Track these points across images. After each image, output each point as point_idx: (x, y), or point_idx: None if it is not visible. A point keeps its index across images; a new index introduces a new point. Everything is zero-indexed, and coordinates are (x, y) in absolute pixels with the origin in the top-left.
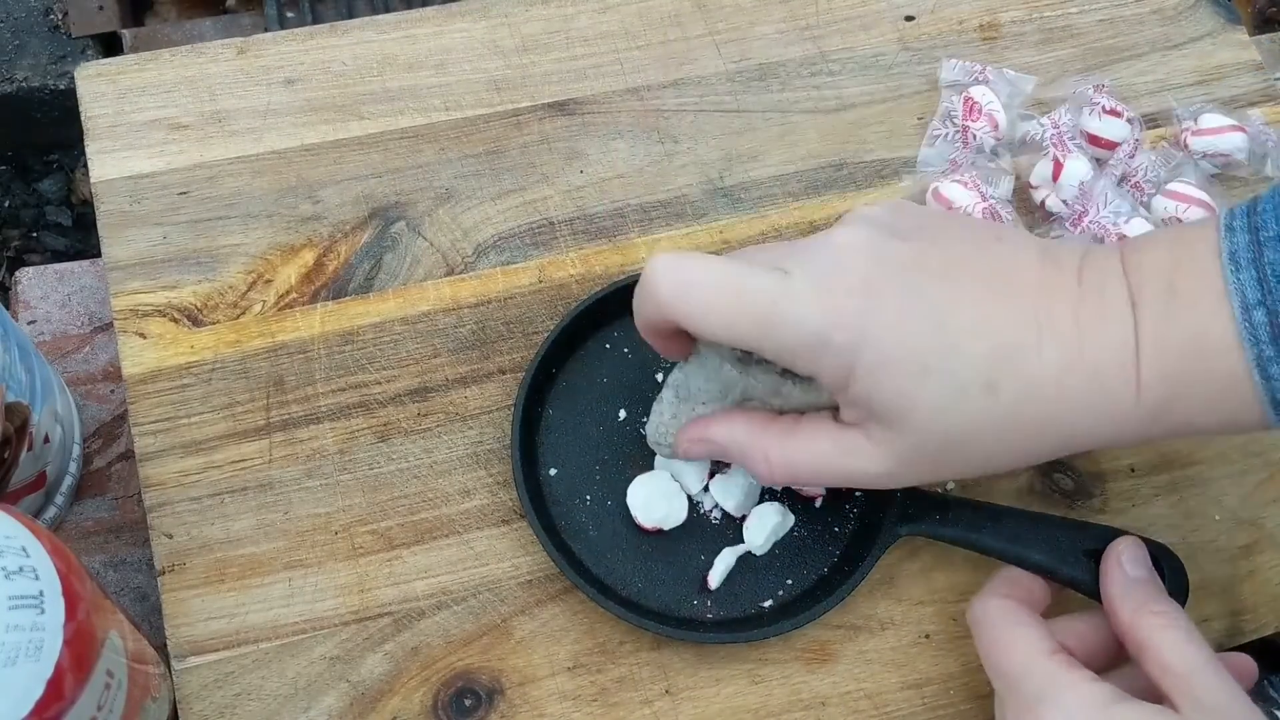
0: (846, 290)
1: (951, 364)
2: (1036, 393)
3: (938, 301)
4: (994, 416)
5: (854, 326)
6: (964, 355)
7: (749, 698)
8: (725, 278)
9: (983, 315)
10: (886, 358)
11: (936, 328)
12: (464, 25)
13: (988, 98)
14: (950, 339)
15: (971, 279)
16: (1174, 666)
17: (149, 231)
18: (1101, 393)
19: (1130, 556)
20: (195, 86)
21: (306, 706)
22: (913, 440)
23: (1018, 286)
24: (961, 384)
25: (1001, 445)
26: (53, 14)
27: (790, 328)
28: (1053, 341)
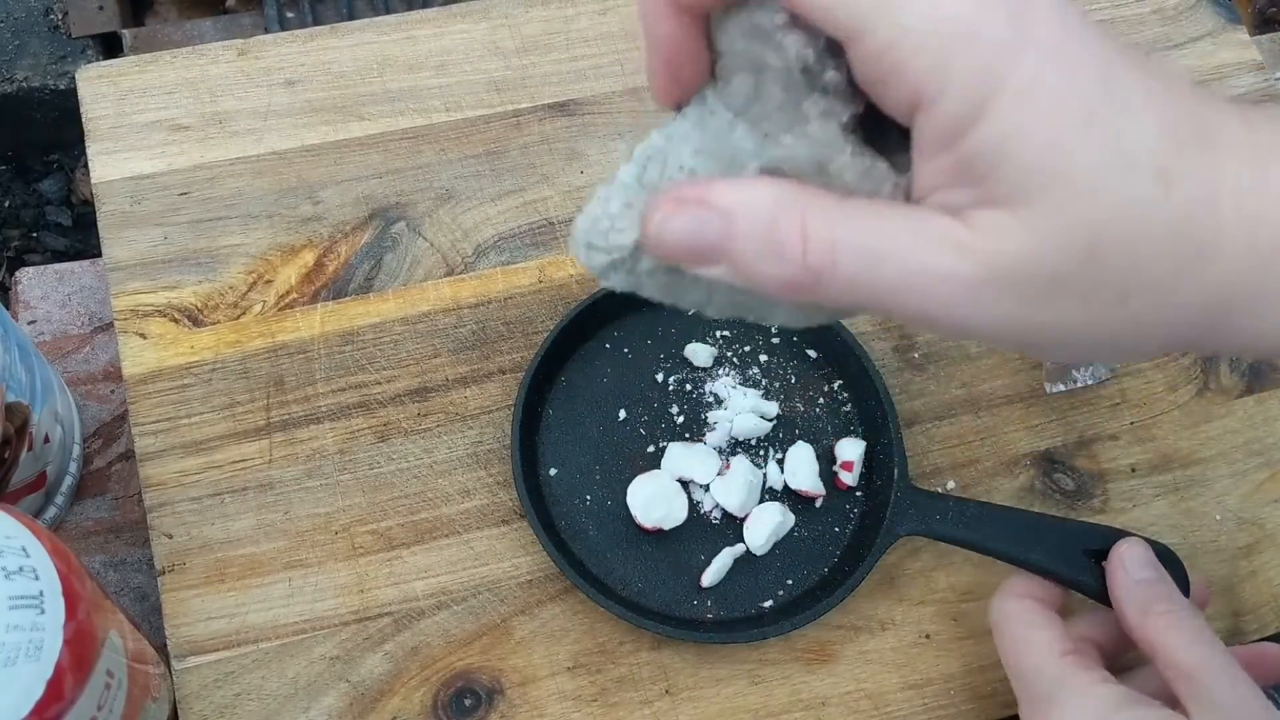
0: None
1: (1122, 123)
2: (1215, 206)
3: (1103, 47)
4: (1164, 219)
5: (1012, 22)
6: (1136, 118)
7: (749, 698)
8: None
9: (1152, 88)
10: (1046, 83)
11: (1107, 71)
12: (464, 26)
13: None
14: (1123, 95)
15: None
16: (1183, 666)
17: (149, 232)
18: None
19: (1133, 558)
20: (196, 88)
21: (306, 706)
22: (1048, 232)
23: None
24: (1130, 155)
25: (1158, 275)
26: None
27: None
28: (1230, 152)
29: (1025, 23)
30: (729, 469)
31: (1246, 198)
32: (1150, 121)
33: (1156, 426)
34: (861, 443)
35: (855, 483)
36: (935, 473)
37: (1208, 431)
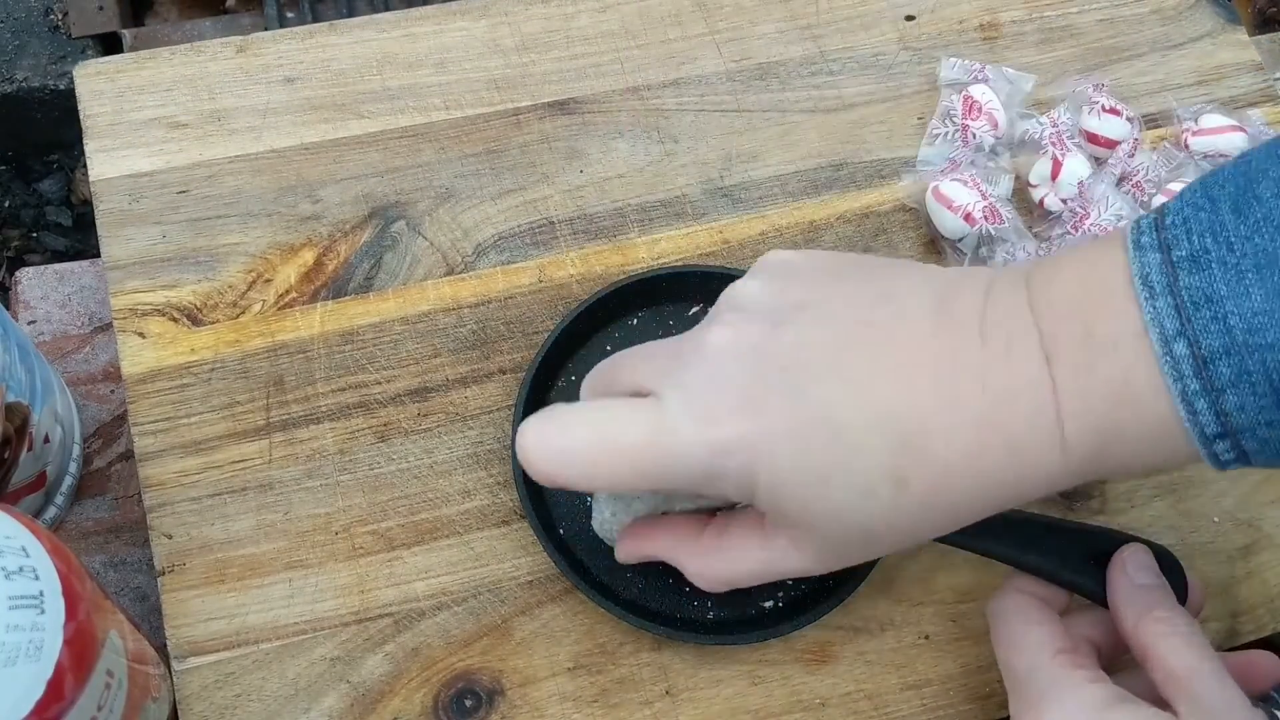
0: (728, 411)
1: (853, 467)
2: (949, 479)
3: (827, 401)
4: (907, 509)
5: (742, 450)
6: (865, 455)
7: (749, 699)
8: (596, 436)
9: (879, 405)
10: (782, 476)
11: (831, 433)
12: (464, 24)
13: (987, 96)
14: (847, 441)
15: (864, 360)
16: (1175, 671)
17: (148, 230)
18: (1021, 464)
19: (1135, 563)
20: (194, 85)
21: (307, 707)
22: (831, 541)
23: (915, 358)
24: (867, 485)
25: (922, 529)
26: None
27: (679, 467)
28: (960, 420)
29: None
30: None
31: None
32: (880, 447)
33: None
34: None
35: None
36: None
37: None
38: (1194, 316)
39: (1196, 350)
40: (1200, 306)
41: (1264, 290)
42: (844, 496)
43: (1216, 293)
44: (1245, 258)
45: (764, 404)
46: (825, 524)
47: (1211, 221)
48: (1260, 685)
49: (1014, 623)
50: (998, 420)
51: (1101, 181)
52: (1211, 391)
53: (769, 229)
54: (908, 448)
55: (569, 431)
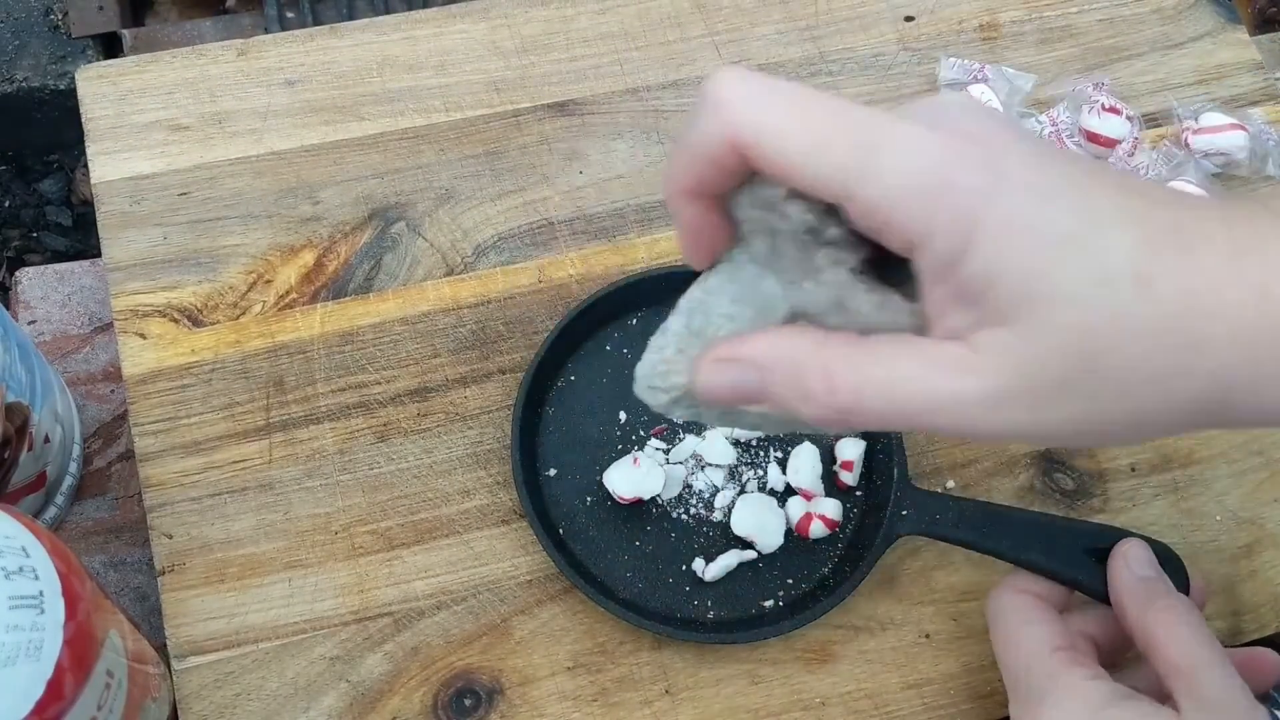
0: (967, 135)
1: (1095, 241)
2: (1196, 300)
3: (1074, 175)
4: (1148, 318)
5: (983, 167)
6: (1108, 234)
7: (749, 698)
8: (816, 94)
9: (1125, 205)
10: (1020, 217)
11: (1078, 197)
12: (464, 26)
13: (987, 96)
14: (1095, 216)
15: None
16: (1178, 663)
17: (149, 232)
18: (1273, 325)
19: (1136, 557)
20: (196, 88)
21: (306, 706)
22: (1041, 344)
23: (1152, 196)
24: (1110, 269)
25: (1151, 371)
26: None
27: (902, 157)
28: (1207, 247)
29: (1000, 166)
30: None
31: (1227, 290)
32: (1123, 235)
33: None
34: (862, 442)
35: (855, 482)
36: (935, 472)
37: (1207, 431)
38: None
39: None
40: None
41: None
42: (1082, 270)
43: None
44: None
45: (1006, 144)
46: (1048, 306)
47: None
48: (1264, 682)
49: (1013, 620)
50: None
51: None
52: None
53: None
54: (1156, 247)
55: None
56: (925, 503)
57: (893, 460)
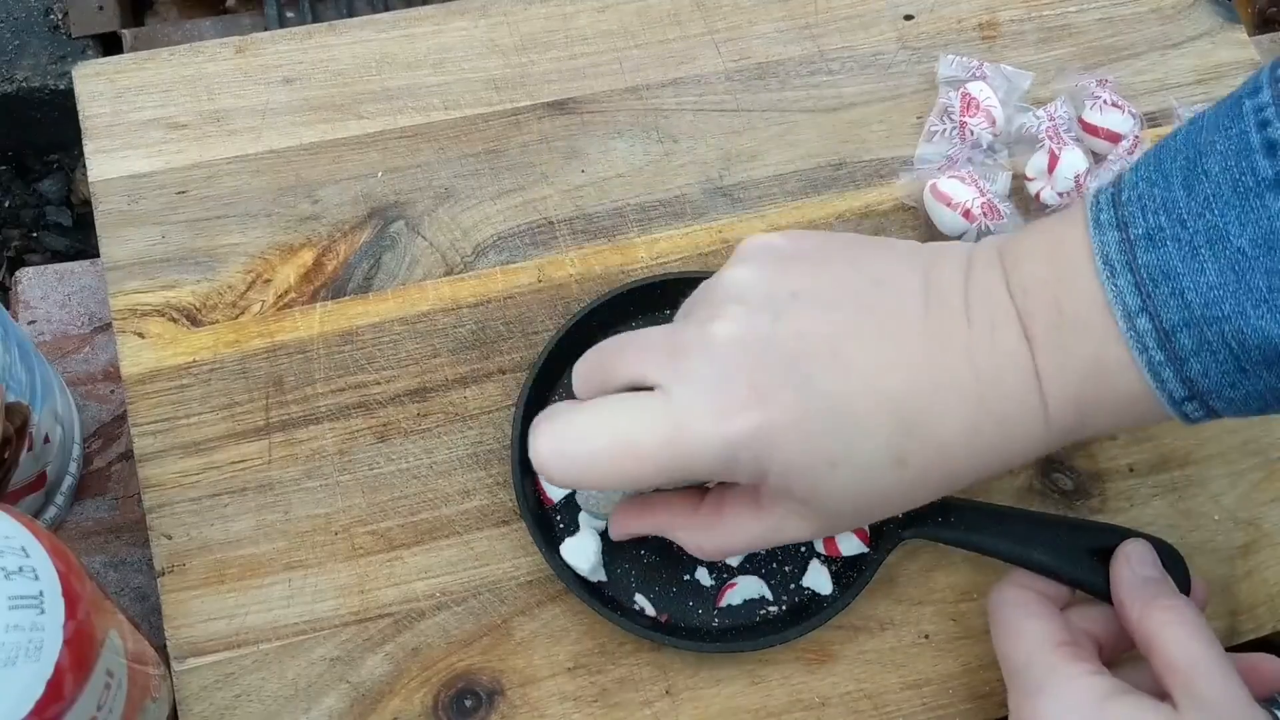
0: (741, 405)
1: (858, 451)
2: (945, 456)
3: (832, 390)
4: (905, 484)
5: (754, 442)
6: (870, 439)
7: (749, 698)
8: (614, 440)
9: (883, 392)
10: (794, 461)
11: (836, 422)
12: (463, 24)
13: (985, 94)
14: (852, 428)
15: (864, 348)
16: (1177, 662)
17: (147, 231)
18: (1009, 437)
19: (1138, 556)
20: (194, 86)
21: (307, 707)
22: (831, 514)
23: (911, 343)
24: (870, 466)
25: (917, 498)
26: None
27: (696, 462)
28: (955, 401)
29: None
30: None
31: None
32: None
33: (1154, 426)
34: None
35: None
36: None
37: (1205, 431)
38: (1154, 292)
39: (1158, 324)
40: (1159, 282)
41: (1217, 265)
42: (848, 478)
43: (1173, 269)
44: (1198, 234)
45: (774, 396)
46: (829, 501)
47: (1164, 198)
48: (1265, 688)
49: (1014, 615)
50: (988, 400)
51: (1099, 178)
52: (1176, 361)
53: (768, 229)
54: (910, 430)
55: (587, 439)
56: (926, 507)
57: None
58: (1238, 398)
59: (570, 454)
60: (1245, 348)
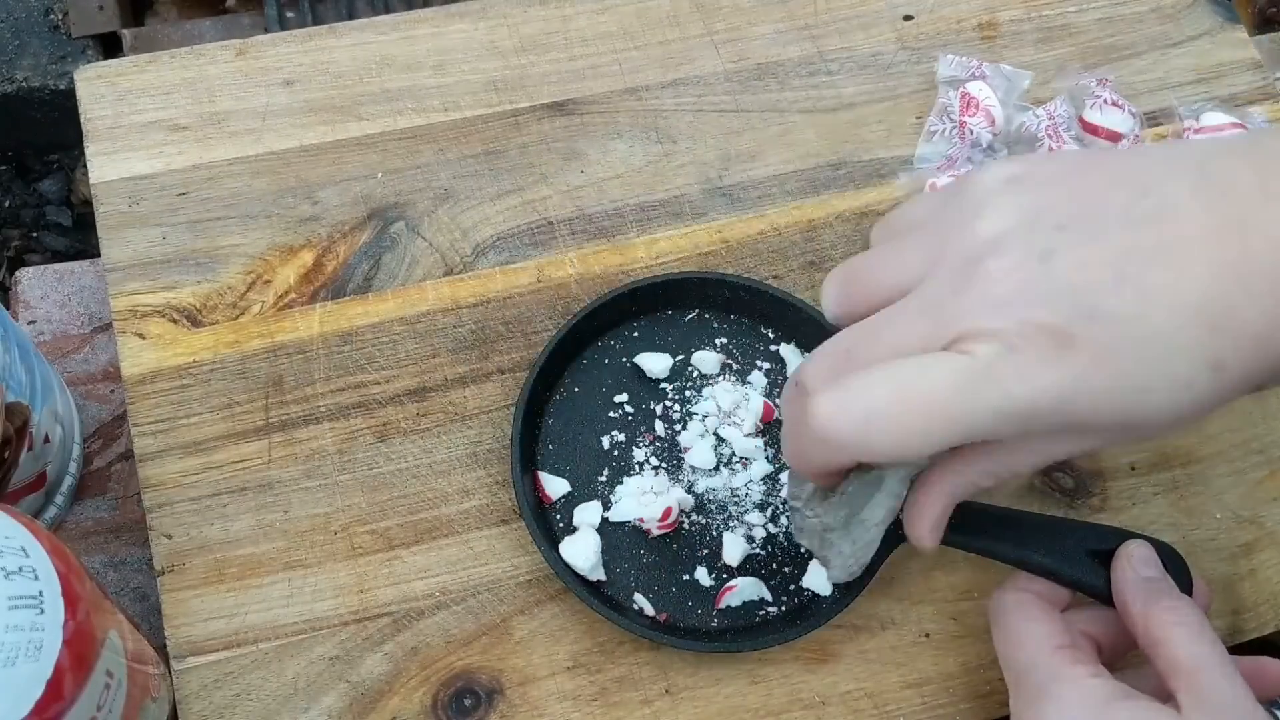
0: (1041, 356)
1: (1167, 370)
2: (1264, 347)
3: (1132, 315)
4: (1225, 387)
5: (1058, 390)
6: (1181, 354)
7: (749, 697)
8: (903, 394)
9: (1180, 301)
10: (1102, 399)
11: (1139, 346)
12: (463, 26)
13: (985, 93)
14: (1161, 348)
15: (1149, 261)
16: (1181, 663)
17: (148, 232)
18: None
19: (1140, 557)
20: (194, 88)
21: (306, 707)
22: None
23: (1197, 241)
24: (1187, 380)
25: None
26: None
27: (994, 414)
28: (1261, 286)
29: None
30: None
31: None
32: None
33: None
34: None
35: None
36: None
37: (1207, 429)
38: None
39: None
40: None
41: None
42: (1166, 397)
43: None
44: None
45: (1069, 336)
46: (1143, 425)
47: None
48: (1268, 691)
49: (1015, 618)
50: None
51: None
52: None
53: (768, 228)
54: (1217, 330)
55: (871, 389)
56: None
57: None
58: None
59: (853, 411)
60: None
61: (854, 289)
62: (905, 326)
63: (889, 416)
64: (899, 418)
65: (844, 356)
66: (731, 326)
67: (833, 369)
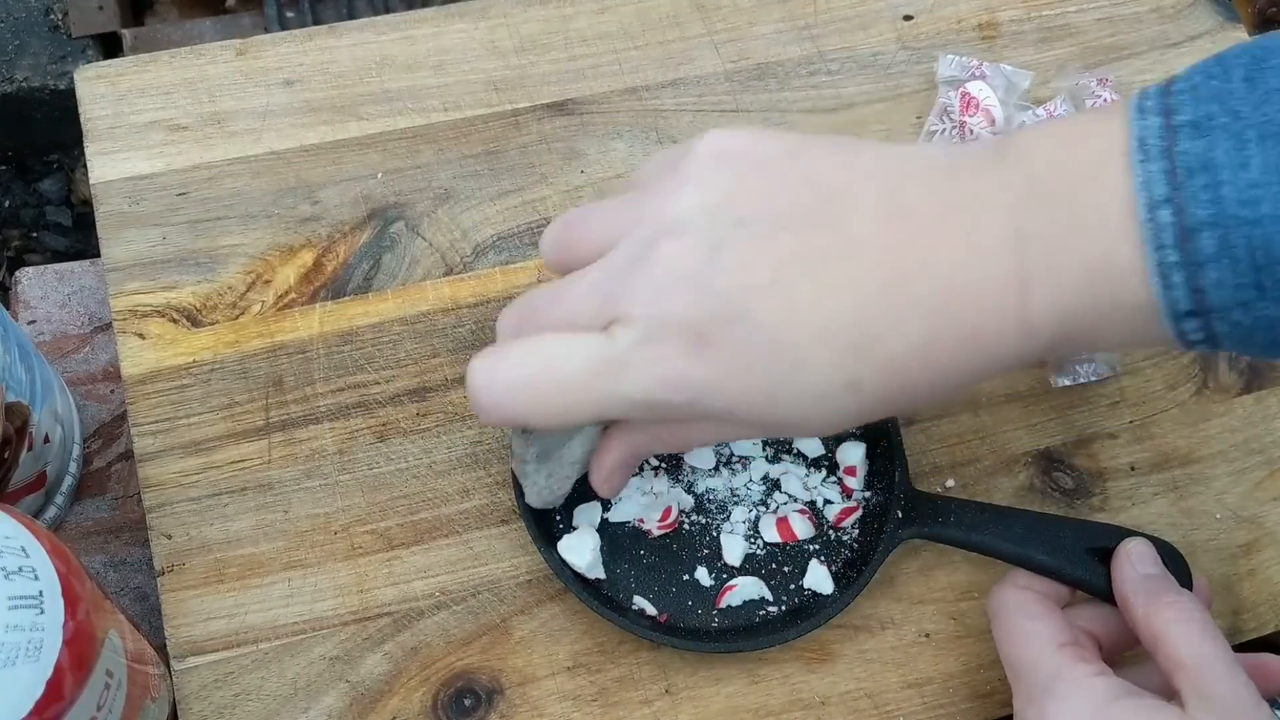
0: (674, 348)
1: (800, 383)
2: (902, 374)
3: (770, 323)
4: (861, 405)
5: (689, 383)
6: (812, 369)
7: (749, 697)
8: (544, 369)
9: (823, 318)
10: (732, 399)
11: (775, 354)
12: (463, 26)
13: (984, 93)
14: (792, 359)
15: (806, 274)
16: (1184, 660)
17: (148, 232)
18: (978, 351)
19: (1140, 554)
20: (194, 88)
21: (306, 707)
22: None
23: (859, 261)
24: (819, 393)
25: (877, 414)
26: (53, 14)
27: (624, 401)
28: (910, 316)
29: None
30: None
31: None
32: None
33: (1155, 425)
34: (861, 445)
35: (861, 487)
36: (935, 471)
37: (1207, 430)
38: (1185, 183)
39: (1181, 219)
40: (1194, 173)
41: (1264, 161)
42: (796, 407)
43: (1214, 160)
44: (1250, 126)
45: (708, 335)
46: (779, 427)
47: (1221, 89)
48: (1270, 688)
49: (1015, 617)
50: (950, 310)
51: None
52: (1190, 265)
53: None
54: (858, 352)
55: (518, 365)
56: (927, 507)
57: (894, 463)
58: (1246, 322)
59: (499, 379)
60: (1272, 260)
61: (568, 240)
62: (580, 298)
63: (530, 390)
64: (539, 394)
65: (529, 312)
66: None
67: (516, 325)
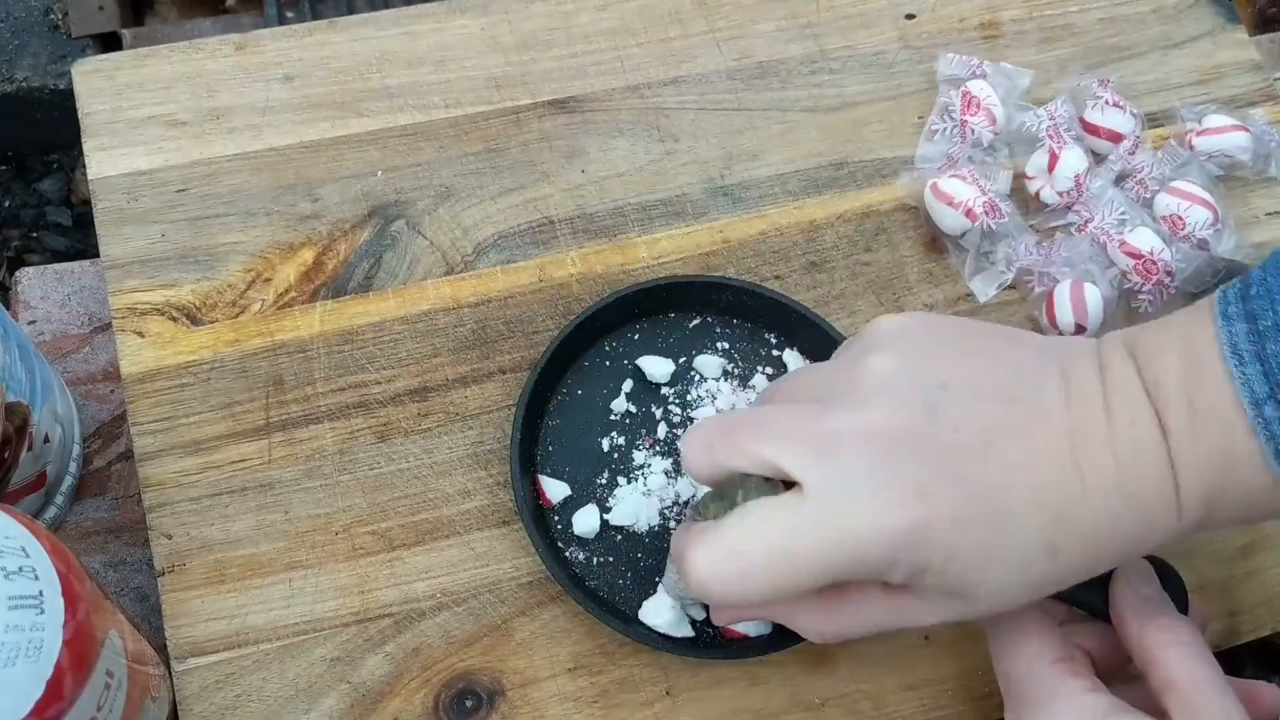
0: (901, 502)
1: (1013, 545)
2: (1094, 545)
3: (988, 485)
4: (1055, 575)
5: (917, 541)
6: (1025, 533)
7: (749, 699)
8: (770, 552)
9: (1036, 484)
10: (951, 557)
11: (996, 515)
12: (464, 22)
13: (985, 92)
14: (1008, 523)
15: (1016, 440)
16: (1175, 682)
17: (147, 229)
18: (1148, 526)
19: (1137, 575)
20: (193, 83)
21: (307, 708)
22: (978, 604)
23: (1057, 434)
24: (1025, 560)
25: (1062, 584)
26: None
27: (857, 564)
28: (1100, 490)
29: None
30: None
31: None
32: (1036, 524)
33: None
34: None
35: None
36: None
37: None
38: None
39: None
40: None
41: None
42: (1004, 572)
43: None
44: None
45: (933, 492)
46: (980, 593)
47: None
48: (1262, 716)
49: (1011, 631)
50: (1130, 489)
51: (1099, 177)
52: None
53: (769, 228)
54: (1060, 521)
55: (741, 554)
56: None
57: None
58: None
59: (727, 572)
60: None
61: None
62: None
63: (759, 578)
64: (769, 578)
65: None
66: (734, 331)
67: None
